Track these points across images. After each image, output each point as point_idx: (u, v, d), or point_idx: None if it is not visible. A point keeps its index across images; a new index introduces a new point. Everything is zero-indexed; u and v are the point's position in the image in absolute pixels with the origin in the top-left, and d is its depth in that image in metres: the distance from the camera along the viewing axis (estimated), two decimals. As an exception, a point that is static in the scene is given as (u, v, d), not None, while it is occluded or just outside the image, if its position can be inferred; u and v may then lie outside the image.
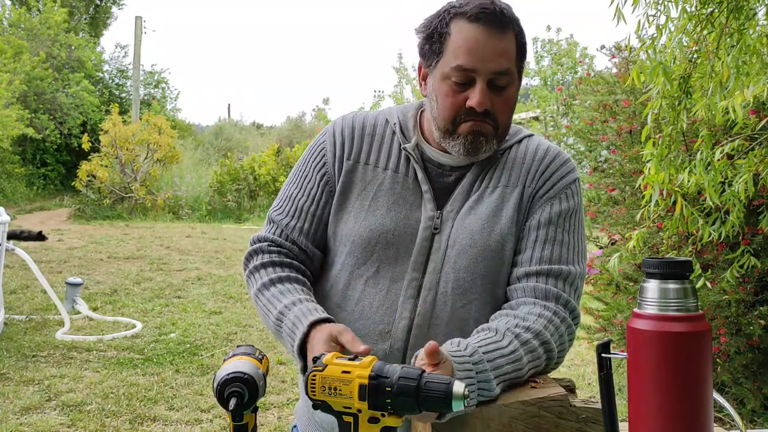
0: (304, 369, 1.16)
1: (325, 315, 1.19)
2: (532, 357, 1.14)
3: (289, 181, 1.39)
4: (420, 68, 1.31)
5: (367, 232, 1.27)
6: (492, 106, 1.21)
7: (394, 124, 1.33)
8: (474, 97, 1.20)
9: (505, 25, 1.20)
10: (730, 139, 2.50)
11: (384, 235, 1.26)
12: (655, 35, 2.14)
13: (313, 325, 1.16)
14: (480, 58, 1.19)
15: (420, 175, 1.28)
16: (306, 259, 1.34)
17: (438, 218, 1.26)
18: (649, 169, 2.30)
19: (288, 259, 1.32)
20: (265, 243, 1.34)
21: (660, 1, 2.12)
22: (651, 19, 2.13)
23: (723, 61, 2.04)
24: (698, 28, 2.13)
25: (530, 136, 1.34)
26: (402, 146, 1.30)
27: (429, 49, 1.25)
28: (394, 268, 1.26)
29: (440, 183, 1.29)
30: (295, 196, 1.35)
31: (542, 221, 1.26)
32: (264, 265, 1.31)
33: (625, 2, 2.07)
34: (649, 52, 2.11)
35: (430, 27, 1.25)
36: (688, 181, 2.24)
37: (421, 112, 1.36)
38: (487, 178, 1.28)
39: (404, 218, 1.26)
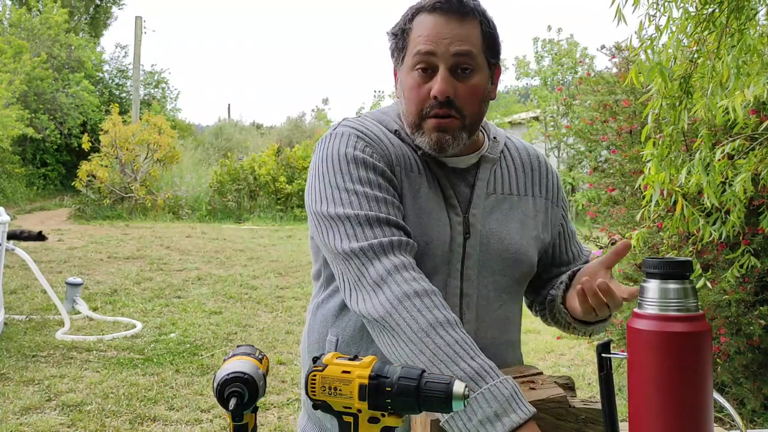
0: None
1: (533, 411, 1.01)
2: None
3: (351, 204, 1.16)
4: (395, 72, 1.29)
5: (423, 244, 1.20)
6: (456, 95, 1.19)
7: (396, 131, 1.27)
8: (435, 86, 1.17)
9: (465, 12, 1.20)
10: (730, 139, 2.50)
11: (422, 236, 1.20)
12: (654, 35, 2.14)
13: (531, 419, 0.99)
14: (438, 41, 1.17)
15: (443, 180, 1.25)
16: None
17: (466, 223, 1.24)
18: (650, 169, 2.31)
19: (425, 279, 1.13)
20: (410, 259, 1.13)
21: (660, 2, 2.12)
22: (651, 19, 2.13)
23: (723, 61, 2.04)
24: (699, 29, 2.13)
25: (507, 136, 1.39)
26: (419, 152, 1.25)
27: (395, 48, 1.26)
28: (435, 278, 1.20)
29: (456, 187, 1.26)
30: (379, 198, 1.17)
31: (564, 223, 1.41)
32: (417, 294, 1.08)
33: (625, 2, 2.07)
34: (648, 52, 2.11)
35: (396, 27, 1.25)
36: (689, 182, 2.24)
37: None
38: (497, 184, 1.29)
39: (436, 223, 1.22)
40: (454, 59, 1.18)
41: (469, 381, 1.00)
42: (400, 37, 1.24)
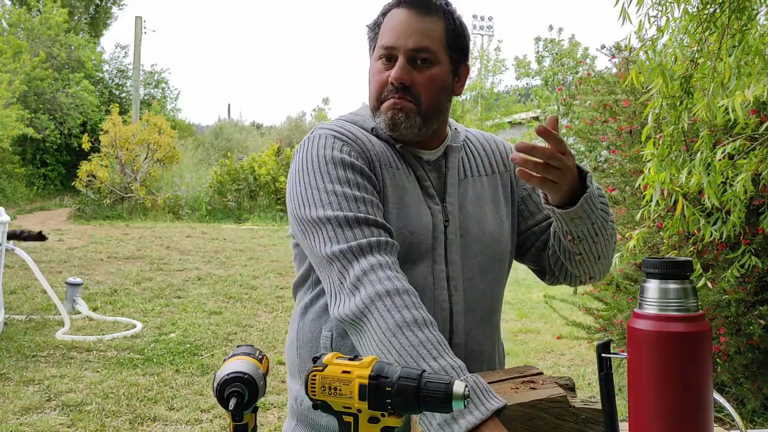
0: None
1: (504, 403, 1.01)
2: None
3: (331, 205, 1.18)
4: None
5: (408, 234, 1.25)
6: (413, 83, 1.26)
7: (372, 129, 1.33)
8: (393, 72, 1.26)
9: (430, 8, 1.28)
10: (730, 139, 2.50)
11: (406, 227, 1.26)
12: (655, 36, 2.14)
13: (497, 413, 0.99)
14: (399, 35, 1.26)
15: (420, 172, 1.32)
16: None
17: (444, 211, 1.31)
18: (650, 169, 2.31)
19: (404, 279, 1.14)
20: (376, 260, 1.13)
21: (662, 2, 2.12)
22: (652, 20, 2.13)
23: (725, 62, 2.04)
24: (700, 29, 2.13)
25: (466, 129, 1.46)
26: (397, 147, 1.32)
27: (369, 40, 1.35)
28: (421, 264, 1.27)
29: (431, 178, 1.34)
30: (358, 197, 1.19)
31: (529, 188, 1.42)
32: (389, 294, 1.09)
33: (630, 2, 2.07)
34: (649, 52, 2.11)
35: (372, 21, 1.34)
36: (690, 182, 2.24)
37: None
38: (466, 168, 1.37)
39: (417, 214, 1.28)
40: (411, 52, 1.26)
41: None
42: (373, 29, 1.33)
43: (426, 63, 1.27)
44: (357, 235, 1.15)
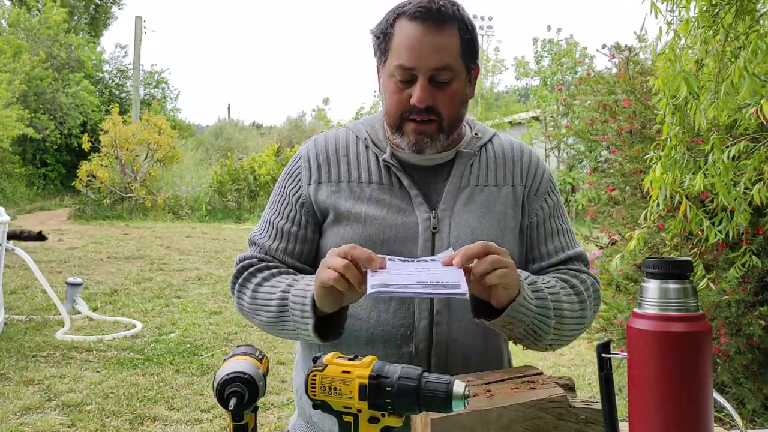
0: (319, 328, 1.17)
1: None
2: (572, 299, 1.27)
3: (268, 207, 1.40)
4: (378, 69, 1.34)
5: (371, 240, 1.26)
6: (435, 102, 1.24)
7: (365, 139, 1.35)
8: (415, 94, 1.23)
9: (444, 21, 1.23)
10: (732, 141, 2.50)
11: (386, 242, 1.26)
12: (670, 39, 2.13)
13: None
14: (418, 56, 1.22)
15: (406, 181, 1.30)
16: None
17: (435, 218, 1.28)
18: (656, 169, 2.30)
19: (282, 266, 1.33)
20: (254, 259, 1.34)
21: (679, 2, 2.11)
22: (668, 25, 2.12)
23: (735, 65, 2.03)
24: (704, 30, 2.12)
25: (496, 134, 1.41)
26: (380, 158, 1.31)
27: (378, 49, 1.30)
28: None
29: (426, 184, 1.32)
30: (275, 221, 1.36)
31: (546, 216, 1.36)
32: (259, 270, 1.31)
33: None
34: (670, 57, 2.08)
35: (379, 28, 1.29)
36: (693, 182, 2.23)
37: None
38: (472, 177, 1.33)
39: (402, 224, 1.27)
40: (433, 72, 1.23)
41: (283, 307, 1.21)
42: (383, 39, 1.28)
43: (447, 80, 1.24)
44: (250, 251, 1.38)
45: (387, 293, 1.01)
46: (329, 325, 1.18)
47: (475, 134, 1.37)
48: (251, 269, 1.32)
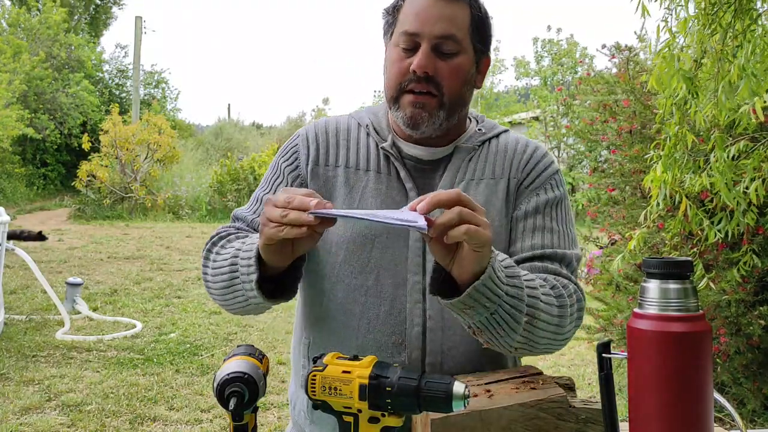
0: (265, 288, 1.11)
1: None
2: (547, 298, 1.11)
3: (260, 186, 1.34)
4: (385, 46, 1.29)
5: (360, 237, 1.22)
6: (436, 72, 1.18)
7: (367, 125, 1.30)
8: (416, 60, 1.17)
9: None
10: (732, 140, 2.50)
11: (379, 238, 1.21)
12: (668, 38, 2.13)
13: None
14: (423, 21, 1.17)
15: (402, 173, 1.25)
16: None
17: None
18: (656, 169, 2.29)
19: (252, 231, 1.26)
20: (231, 228, 1.29)
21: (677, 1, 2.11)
22: (664, 23, 2.12)
23: (735, 64, 2.02)
24: (703, 29, 2.12)
25: (506, 131, 1.34)
26: (380, 146, 1.27)
27: (386, 24, 1.26)
28: (394, 273, 1.20)
29: (422, 179, 1.26)
30: (265, 197, 1.27)
31: (529, 211, 1.25)
32: (228, 238, 1.25)
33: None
34: (667, 57, 2.09)
35: (390, 5, 1.25)
36: (694, 182, 2.23)
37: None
38: (469, 171, 1.26)
39: None
40: (437, 40, 1.17)
41: (233, 266, 1.14)
42: (392, 13, 1.24)
43: (451, 52, 1.18)
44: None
45: (330, 215, 0.95)
46: (283, 286, 1.12)
47: (479, 129, 1.31)
48: (215, 239, 1.26)
